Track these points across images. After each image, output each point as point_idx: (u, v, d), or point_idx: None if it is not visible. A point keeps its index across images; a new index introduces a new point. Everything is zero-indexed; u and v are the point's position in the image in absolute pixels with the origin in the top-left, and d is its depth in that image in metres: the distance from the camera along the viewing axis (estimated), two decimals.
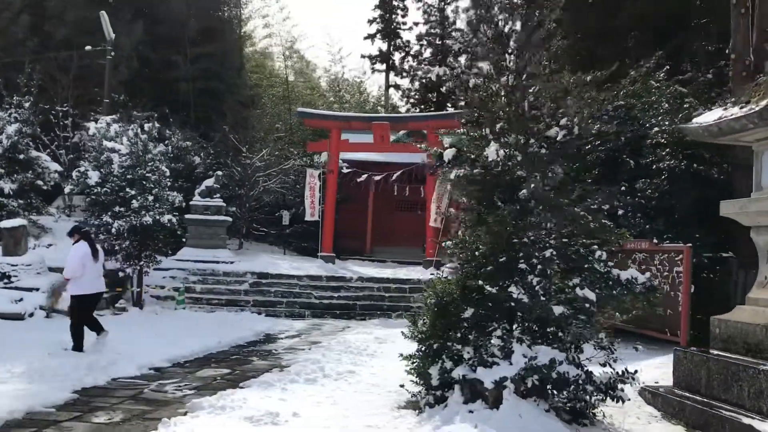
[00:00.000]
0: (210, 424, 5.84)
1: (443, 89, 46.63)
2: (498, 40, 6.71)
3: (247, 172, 23.22)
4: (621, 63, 11.78)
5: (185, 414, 6.18)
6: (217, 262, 17.60)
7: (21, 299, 12.72)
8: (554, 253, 6.19)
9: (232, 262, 17.88)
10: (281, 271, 17.38)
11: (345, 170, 22.44)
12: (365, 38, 47.33)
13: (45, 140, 20.13)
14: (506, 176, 6.47)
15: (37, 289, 13.46)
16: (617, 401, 6.07)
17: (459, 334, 6.39)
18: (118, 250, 14.02)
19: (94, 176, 13.97)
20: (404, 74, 48.75)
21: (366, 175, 22.11)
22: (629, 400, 6.25)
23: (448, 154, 7.06)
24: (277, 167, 26.03)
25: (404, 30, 47.08)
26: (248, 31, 36.49)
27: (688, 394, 6.54)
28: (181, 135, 20.65)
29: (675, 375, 7.02)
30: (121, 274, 14.37)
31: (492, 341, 6.08)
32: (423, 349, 6.76)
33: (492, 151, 6.35)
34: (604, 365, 6.18)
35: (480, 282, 6.25)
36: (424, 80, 47.46)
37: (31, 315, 12.52)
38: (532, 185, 6.22)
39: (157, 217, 14.09)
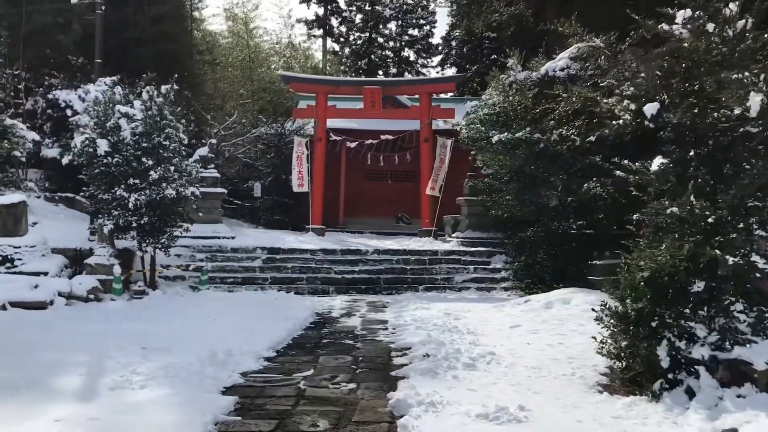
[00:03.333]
0: (445, 425, 5.09)
1: (373, 57, 45.91)
2: None
3: (215, 151, 21.69)
4: None
5: (400, 416, 5.38)
6: (219, 238, 16.37)
7: (36, 285, 11.22)
8: None
9: (233, 237, 16.68)
10: (293, 246, 16.36)
11: (332, 138, 21.32)
12: (301, 1, 45.72)
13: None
14: None
15: (46, 273, 11.98)
16: None
17: (687, 310, 5.88)
18: (136, 226, 12.60)
19: (103, 145, 12.40)
20: (341, 40, 47.60)
21: (356, 143, 21.14)
22: None
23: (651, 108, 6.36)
24: (243, 136, 24.66)
25: None
26: None
27: None
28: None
29: None
30: (140, 253, 12.97)
31: (738, 317, 5.61)
32: (631, 327, 6.21)
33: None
34: None
35: (716, 251, 5.72)
36: (354, 47, 46.53)
37: (51, 303, 11.06)
38: None
39: (180, 190, 12.76)
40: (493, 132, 14.00)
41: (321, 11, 45.93)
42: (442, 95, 24.14)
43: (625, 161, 7.60)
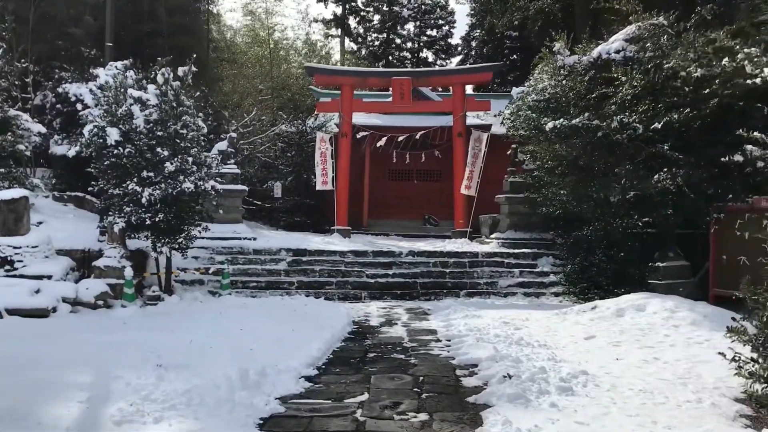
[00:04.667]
0: None
1: (391, 58, 44.60)
2: None
3: (235, 145, 20.36)
4: None
5: None
6: (240, 239, 15.04)
7: (38, 290, 9.90)
8: None
9: (254, 239, 15.34)
10: (320, 247, 14.99)
11: (360, 134, 19.93)
12: (318, 0, 44.71)
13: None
14: None
15: (49, 277, 10.67)
16: None
17: None
18: (150, 224, 11.28)
19: (113, 134, 11.10)
20: (359, 40, 46.51)
21: (386, 137, 19.71)
22: None
23: None
24: (262, 134, 23.38)
25: None
26: None
27: None
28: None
29: None
30: (154, 254, 11.64)
31: None
32: None
33: None
34: None
35: None
36: (372, 48, 45.35)
37: (54, 310, 9.74)
38: None
39: (199, 183, 11.44)
40: (545, 119, 12.55)
41: (339, 10, 44.90)
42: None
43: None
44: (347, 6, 44.95)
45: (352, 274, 14.08)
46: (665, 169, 11.41)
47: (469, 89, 21.37)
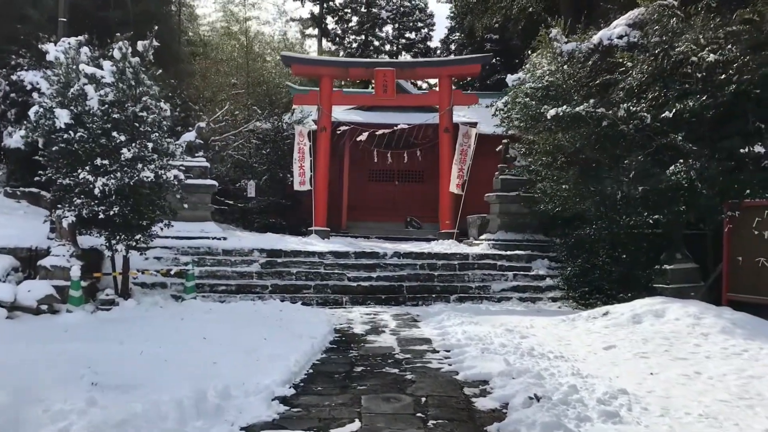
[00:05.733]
0: None
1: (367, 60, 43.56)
2: None
3: (204, 137, 18.98)
4: None
5: None
6: (209, 238, 13.71)
7: None
8: None
9: (225, 238, 14.02)
10: (296, 248, 13.71)
11: (341, 128, 18.68)
12: None
13: None
14: None
15: None
16: None
17: None
18: (104, 219, 9.93)
19: (63, 116, 9.75)
20: (337, 40, 45.44)
21: (368, 133, 18.49)
22: None
23: None
24: (236, 130, 22.03)
25: None
26: None
27: None
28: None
29: None
30: (108, 253, 10.28)
31: None
32: None
33: None
34: None
35: None
36: (350, 50, 44.30)
37: None
38: None
39: (160, 173, 10.12)
40: (545, 107, 11.45)
41: (317, 10, 43.75)
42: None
43: None
44: (325, 5, 43.85)
45: (332, 277, 12.82)
46: (681, 161, 10.36)
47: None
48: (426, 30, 44.71)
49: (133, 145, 9.93)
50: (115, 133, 9.94)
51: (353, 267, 13.23)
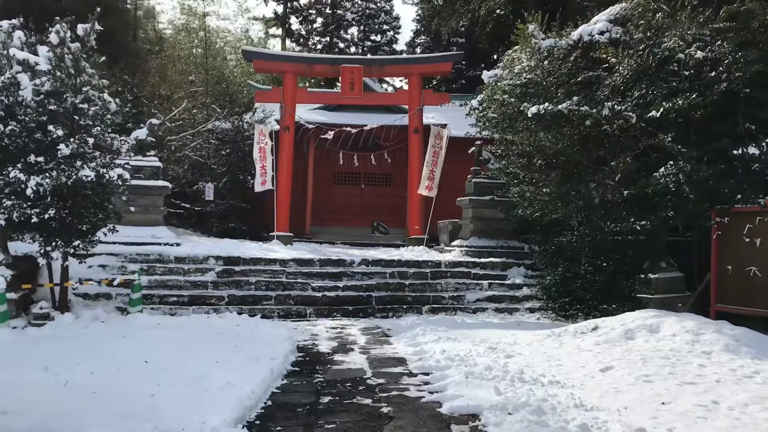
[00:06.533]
0: None
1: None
2: None
3: (157, 134, 17.78)
4: None
5: None
6: (160, 244, 12.62)
7: None
8: None
9: (178, 244, 12.94)
10: (256, 255, 12.71)
11: (307, 126, 17.71)
12: None
13: None
14: None
15: None
16: None
17: None
18: (38, 223, 8.82)
19: None
20: (301, 41, 44.43)
21: (333, 131, 17.56)
22: None
23: None
24: (193, 129, 20.86)
25: None
26: None
27: None
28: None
29: None
30: (42, 261, 9.14)
31: None
32: None
33: None
34: None
35: None
36: (314, 51, 43.36)
37: None
38: None
39: (102, 171, 9.04)
40: (525, 105, 10.69)
41: (280, 9, 42.67)
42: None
43: None
44: (288, 5, 42.81)
45: (295, 287, 11.85)
46: (671, 163, 9.70)
47: None
48: (392, 33, 44.01)
49: (72, 140, 8.84)
50: (51, 127, 8.85)
51: (318, 276, 12.29)
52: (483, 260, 13.32)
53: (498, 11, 28.50)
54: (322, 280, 12.17)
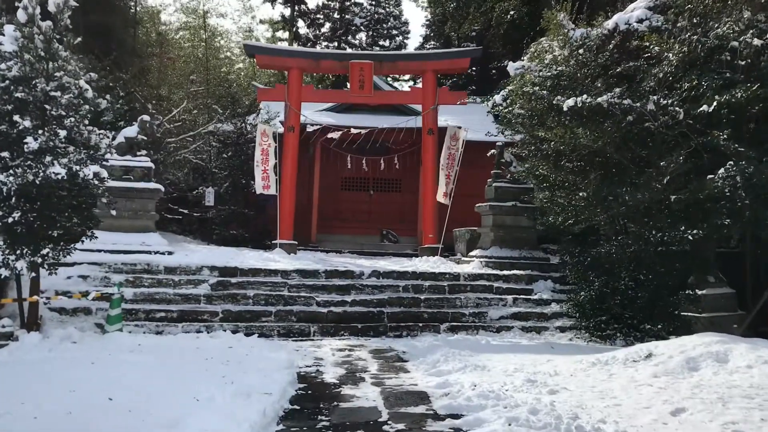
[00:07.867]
0: None
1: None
2: None
3: (155, 136, 16.57)
4: None
5: None
6: (150, 253, 11.40)
7: None
8: None
9: (170, 253, 11.72)
10: (255, 265, 11.50)
11: (312, 128, 16.54)
12: (265, 0, 41.61)
13: None
14: None
15: None
16: None
17: None
18: (2, 228, 7.63)
19: None
20: (309, 45, 43.39)
21: (340, 133, 16.36)
22: None
23: None
24: (193, 131, 19.73)
25: None
26: None
27: None
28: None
29: None
30: (5, 272, 7.92)
31: None
32: None
33: None
34: None
35: None
36: None
37: None
38: None
39: (75, 169, 7.85)
40: (559, 98, 9.45)
41: (288, 12, 41.68)
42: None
43: None
44: (296, 9, 41.80)
45: (297, 301, 10.61)
46: (731, 164, 8.44)
47: None
48: (401, 38, 42.97)
49: (41, 132, 7.66)
50: (17, 117, 7.67)
51: (323, 289, 11.05)
52: (506, 272, 12.06)
53: (512, 12, 27.47)
54: (328, 293, 10.94)
